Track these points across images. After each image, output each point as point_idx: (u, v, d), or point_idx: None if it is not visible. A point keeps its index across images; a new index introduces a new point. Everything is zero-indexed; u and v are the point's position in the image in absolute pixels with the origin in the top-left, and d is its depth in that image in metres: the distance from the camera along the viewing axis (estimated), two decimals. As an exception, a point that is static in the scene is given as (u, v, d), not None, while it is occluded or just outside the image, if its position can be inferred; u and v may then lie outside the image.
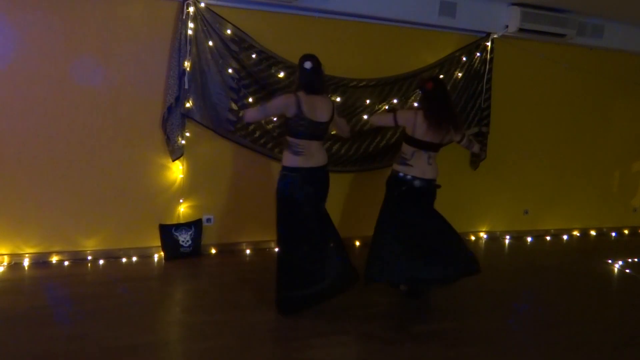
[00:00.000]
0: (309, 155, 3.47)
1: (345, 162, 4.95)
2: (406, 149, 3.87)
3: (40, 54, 4.01)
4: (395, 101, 4.94)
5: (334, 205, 4.94)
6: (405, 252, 3.81)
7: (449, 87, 4.79)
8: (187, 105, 4.31)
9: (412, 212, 3.90)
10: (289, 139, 3.48)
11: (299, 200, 3.47)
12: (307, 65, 3.43)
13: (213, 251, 4.74)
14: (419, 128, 3.74)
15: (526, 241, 5.86)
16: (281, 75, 4.45)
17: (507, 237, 5.91)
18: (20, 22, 3.92)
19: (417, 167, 3.82)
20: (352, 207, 5.20)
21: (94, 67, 4.15)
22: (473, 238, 5.78)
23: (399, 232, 3.88)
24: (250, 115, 3.62)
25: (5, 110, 3.99)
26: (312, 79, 3.44)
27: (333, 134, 4.80)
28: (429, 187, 3.90)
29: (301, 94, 3.41)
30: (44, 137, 4.12)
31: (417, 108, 4.10)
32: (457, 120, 3.88)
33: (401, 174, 3.86)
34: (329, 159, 4.79)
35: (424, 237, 3.86)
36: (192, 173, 4.56)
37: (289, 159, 3.47)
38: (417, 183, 3.84)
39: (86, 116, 4.20)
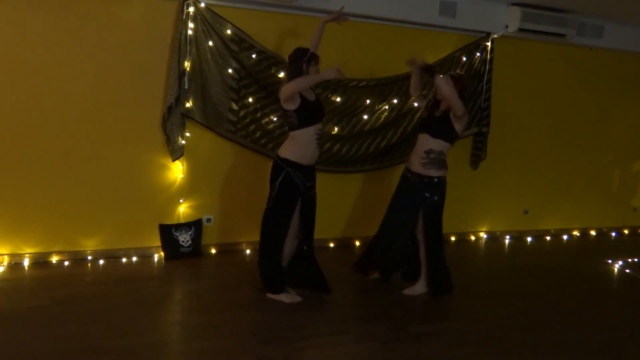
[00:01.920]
0: None
1: (346, 162, 4.95)
2: (448, 149, 3.88)
3: (39, 54, 4.01)
4: (395, 101, 4.94)
5: (335, 205, 4.96)
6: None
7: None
8: (187, 105, 4.31)
9: None
10: None
11: None
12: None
13: (213, 251, 4.74)
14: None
15: (526, 241, 5.86)
16: (281, 75, 4.45)
17: (507, 237, 5.91)
18: (20, 22, 3.93)
19: None
20: (352, 208, 5.20)
21: (93, 67, 4.15)
22: (473, 238, 5.78)
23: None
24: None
25: (4, 111, 3.99)
26: None
27: (333, 134, 4.81)
28: None
29: None
30: (44, 137, 4.12)
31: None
32: None
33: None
34: (330, 160, 4.84)
35: None
36: (192, 173, 4.56)
37: None
38: None
39: (86, 116, 4.20)
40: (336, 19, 3.88)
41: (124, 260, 4.41)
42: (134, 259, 4.45)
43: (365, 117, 4.87)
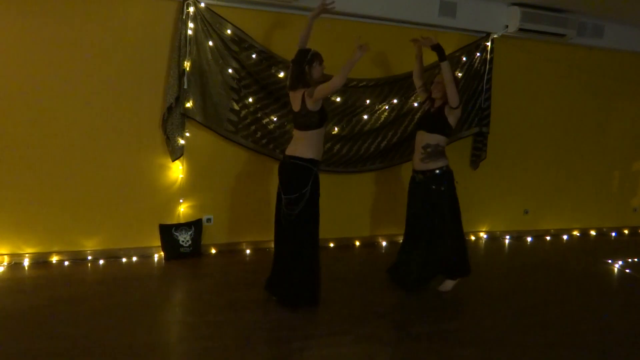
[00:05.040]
0: None
1: (346, 162, 4.94)
2: (445, 141, 4.01)
3: (40, 54, 4.01)
4: (395, 101, 4.94)
5: (335, 205, 4.96)
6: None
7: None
8: (187, 105, 4.31)
9: None
10: None
11: None
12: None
13: (213, 251, 4.74)
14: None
15: (526, 241, 5.86)
16: (281, 75, 4.45)
17: (507, 237, 5.91)
18: (20, 22, 3.93)
19: None
20: (352, 208, 5.20)
21: (93, 67, 4.15)
22: (473, 238, 5.78)
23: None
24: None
25: (4, 111, 3.99)
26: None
27: (334, 134, 4.81)
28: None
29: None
30: (44, 137, 4.12)
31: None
32: None
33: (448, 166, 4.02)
34: (330, 160, 4.84)
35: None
36: (192, 173, 4.56)
37: None
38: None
39: (86, 116, 4.20)
40: (323, 11, 3.77)
41: (124, 260, 4.41)
42: (134, 259, 4.45)
43: (365, 117, 4.87)
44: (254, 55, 4.39)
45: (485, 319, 3.69)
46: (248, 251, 4.84)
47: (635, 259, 5.30)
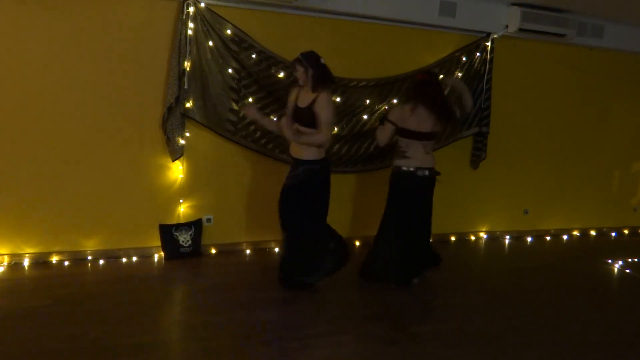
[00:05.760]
0: None
1: (346, 162, 4.94)
2: (402, 142, 4.08)
3: (39, 54, 4.01)
4: (395, 101, 4.94)
5: (334, 205, 4.95)
6: (402, 251, 4.08)
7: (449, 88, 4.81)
8: (187, 105, 4.31)
9: (414, 207, 4.14)
10: None
11: None
12: (323, 61, 3.70)
13: (213, 251, 4.74)
14: (409, 120, 4.00)
15: (526, 241, 5.86)
16: (281, 75, 4.45)
17: (507, 237, 5.90)
18: (20, 22, 3.93)
19: (415, 158, 4.04)
20: (352, 208, 5.20)
21: (93, 67, 4.15)
22: (473, 238, 5.78)
23: (400, 227, 4.11)
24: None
25: (5, 111, 3.99)
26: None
27: (333, 134, 4.80)
28: (430, 176, 4.12)
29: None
30: (44, 137, 4.12)
31: (405, 101, 4.26)
32: (443, 112, 4.04)
33: (404, 168, 4.06)
34: (329, 160, 4.83)
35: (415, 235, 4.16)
36: (192, 173, 4.57)
37: None
38: (419, 173, 4.05)
39: (86, 116, 4.20)
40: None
41: (124, 260, 4.41)
42: (134, 259, 4.45)
43: (365, 117, 4.87)
44: (254, 55, 4.39)
45: (485, 319, 3.68)
46: (248, 251, 4.84)
47: (635, 259, 5.30)
